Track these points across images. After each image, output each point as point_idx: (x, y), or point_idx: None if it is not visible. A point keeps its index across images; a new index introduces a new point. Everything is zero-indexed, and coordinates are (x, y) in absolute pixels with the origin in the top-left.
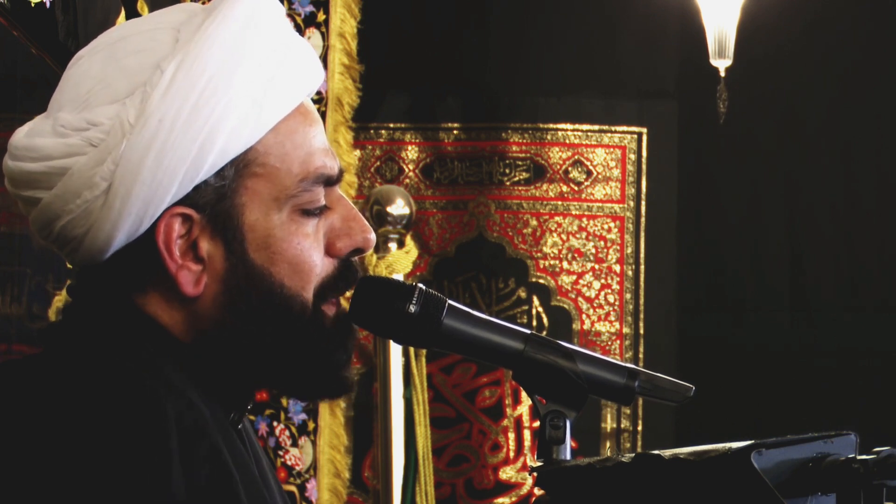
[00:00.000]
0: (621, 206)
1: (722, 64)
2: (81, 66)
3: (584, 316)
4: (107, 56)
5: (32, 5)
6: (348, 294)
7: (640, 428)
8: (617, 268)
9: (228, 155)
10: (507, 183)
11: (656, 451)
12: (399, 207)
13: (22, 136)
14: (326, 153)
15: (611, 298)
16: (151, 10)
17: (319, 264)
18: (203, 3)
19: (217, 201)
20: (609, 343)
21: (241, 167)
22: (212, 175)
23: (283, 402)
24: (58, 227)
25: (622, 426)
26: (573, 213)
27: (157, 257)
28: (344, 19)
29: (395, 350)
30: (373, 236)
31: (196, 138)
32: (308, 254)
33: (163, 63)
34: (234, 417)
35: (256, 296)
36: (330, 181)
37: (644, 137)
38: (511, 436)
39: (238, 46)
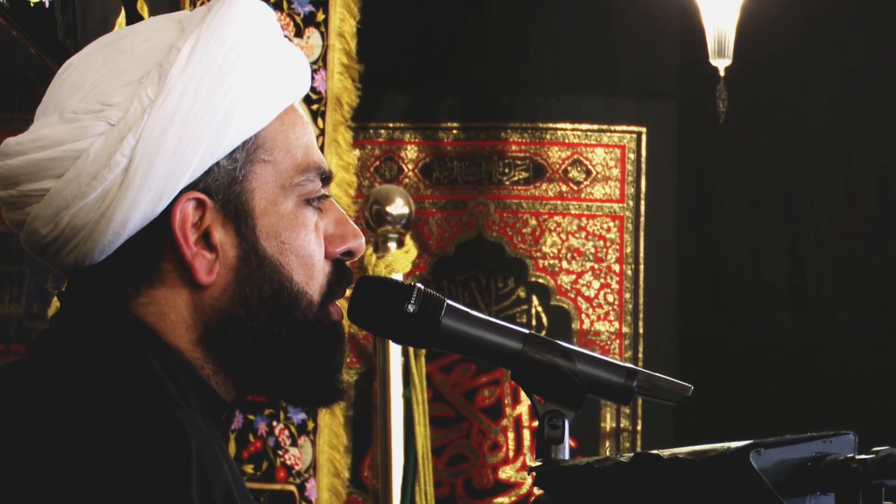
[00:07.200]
0: (621, 205)
1: (722, 64)
2: (78, 67)
3: (583, 315)
4: (107, 53)
5: (32, 5)
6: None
7: (639, 428)
8: (616, 267)
9: (246, 132)
10: (507, 182)
11: (655, 451)
12: (398, 207)
13: (15, 138)
14: (319, 151)
15: (610, 298)
16: (151, 9)
17: (322, 261)
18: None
19: (229, 185)
20: (608, 342)
21: (251, 151)
22: (224, 157)
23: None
24: (66, 216)
25: (622, 426)
26: (572, 212)
27: (163, 249)
28: (343, 19)
29: (395, 350)
30: (363, 240)
31: (218, 110)
32: (313, 248)
33: (177, 43)
34: (225, 417)
35: (268, 287)
36: (326, 177)
37: (643, 137)
38: (510, 435)
39: (251, 28)
